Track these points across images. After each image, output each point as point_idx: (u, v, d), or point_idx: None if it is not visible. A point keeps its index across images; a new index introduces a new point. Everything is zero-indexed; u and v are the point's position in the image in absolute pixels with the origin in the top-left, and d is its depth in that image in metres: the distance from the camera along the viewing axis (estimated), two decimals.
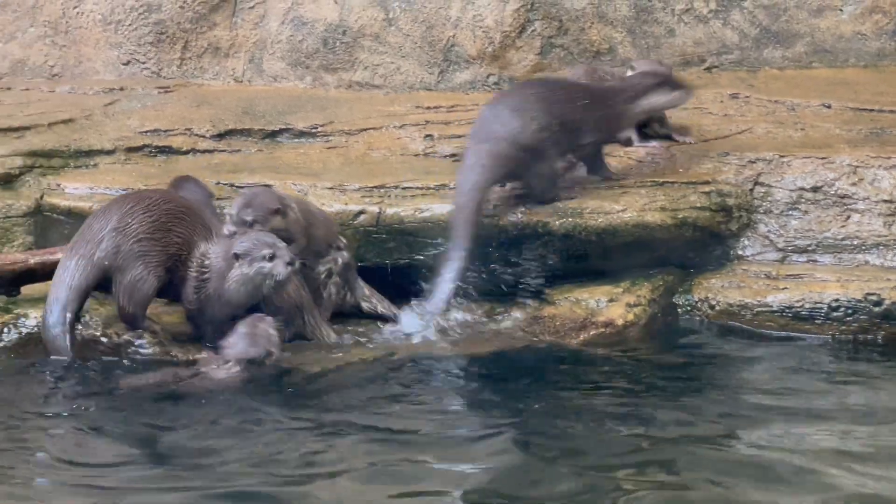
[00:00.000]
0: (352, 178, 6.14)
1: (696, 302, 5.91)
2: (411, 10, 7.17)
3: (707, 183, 6.11)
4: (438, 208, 5.91)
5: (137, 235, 5.15)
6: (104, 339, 5.29)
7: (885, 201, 5.98)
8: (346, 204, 5.97)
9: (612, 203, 5.95)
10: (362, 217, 5.93)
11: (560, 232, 5.88)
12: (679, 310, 5.93)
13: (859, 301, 5.70)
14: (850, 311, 5.70)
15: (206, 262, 5.24)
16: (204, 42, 7.22)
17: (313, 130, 6.72)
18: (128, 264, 5.14)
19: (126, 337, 5.29)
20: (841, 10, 7.18)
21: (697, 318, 5.90)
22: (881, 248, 5.93)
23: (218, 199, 5.96)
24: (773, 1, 7.19)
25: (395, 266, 5.89)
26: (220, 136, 6.62)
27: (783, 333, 5.72)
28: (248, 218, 5.34)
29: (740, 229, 6.10)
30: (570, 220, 5.89)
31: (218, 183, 6.08)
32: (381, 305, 5.79)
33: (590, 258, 5.90)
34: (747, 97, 6.82)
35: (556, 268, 5.92)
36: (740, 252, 6.10)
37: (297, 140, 6.69)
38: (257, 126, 6.71)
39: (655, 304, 5.89)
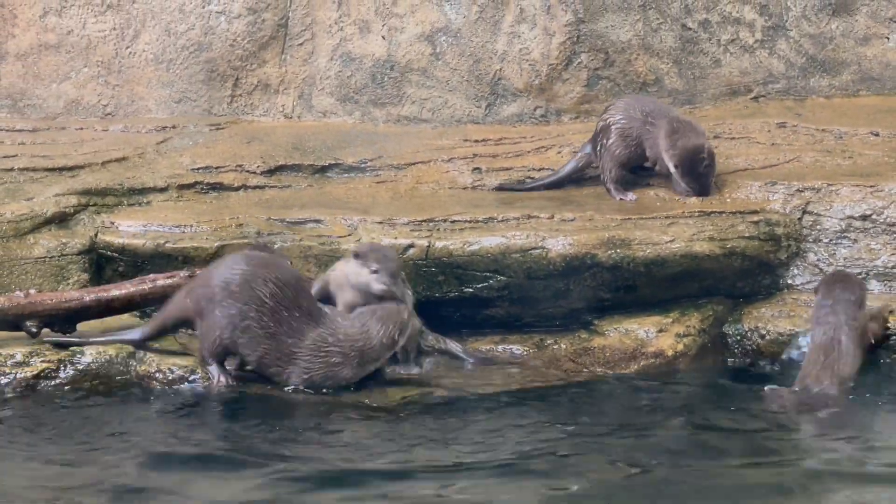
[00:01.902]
0: (401, 212, 6.20)
1: (746, 332, 5.91)
2: (458, 44, 7.23)
3: (755, 212, 6.12)
4: (487, 241, 5.95)
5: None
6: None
7: None
8: (396, 238, 6.02)
9: (660, 234, 5.96)
10: (412, 251, 5.98)
11: (608, 263, 5.90)
12: (729, 339, 5.92)
13: None
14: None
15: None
16: (254, 79, 7.31)
17: (362, 165, 6.78)
18: None
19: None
20: (888, 38, 7.17)
21: (748, 348, 5.89)
22: None
23: (269, 234, 6.04)
24: (819, 30, 7.19)
25: (445, 300, 5.93)
26: (271, 172, 6.69)
27: None
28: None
29: (789, 258, 6.10)
30: (618, 251, 5.91)
31: (269, 219, 6.15)
32: (445, 341, 5.83)
33: (638, 289, 5.92)
34: (794, 126, 6.82)
35: (605, 298, 5.94)
36: (790, 281, 6.10)
37: (346, 175, 6.75)
38: (307, 161, 6.78)
39: (705, 333, 5.90)
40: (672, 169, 6.25)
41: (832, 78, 7.20)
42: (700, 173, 6.18)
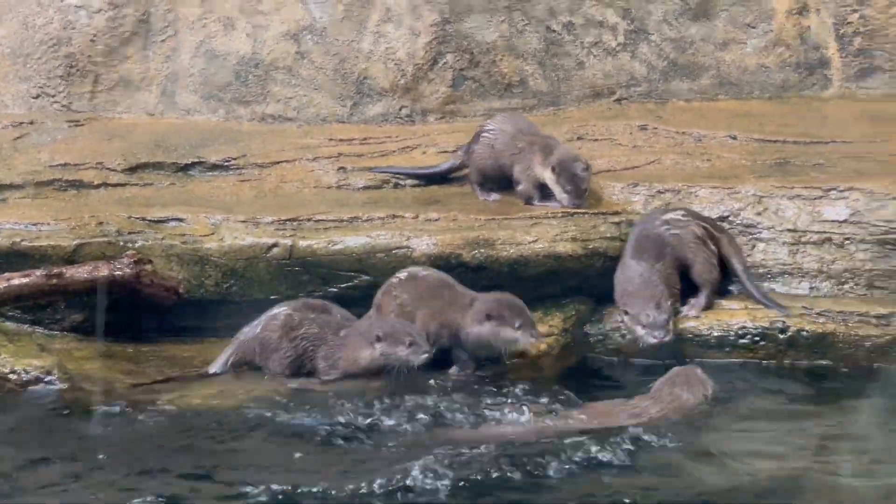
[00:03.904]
0: (264, 211, 6.14)
1: (608, 331, 5.96)
2: (323, 43, 7.19)
3: (617, 213, 6.19)
4: (351, 241, 5.93)
5: None
6: None
7: (789, 230, 6.09)
8: (259, 237, 5.97)
9: (523, 234, 6.00)
10: (275, 250, 5.93)
11: (473, 263, 5.92)
12: (591, 339, 5.98)
13: (766, 328, 5.79)
14: (757, 339, 5.78)
15: None
16: (115, 75, 7.18)
17: (226, 163, 6.70)
18: None
19: None
20: (745, 43, 7.31)
21: (610, 348, 5.95)
22: (786, 276, 6.04)
23: (130, 233, 5.94)
24: (679, 34, 7.30)
25: None
26: (132, 169, 6.59)
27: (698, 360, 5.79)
28: None
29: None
30: (482, 251, 5.93)
31: (130, 217, 6.05)
32: None
33: (503, 289, 5.92)
34: (656, 128, 6.91)
35: None
36: None
37: (209, 173, 6.67)
38: (170, 159, 6.69)
39: (568, 333, 5.94)
40: (548, 176, 6.24)
41: (692, 82, 7.32)
42: (577, 176, 6.19)
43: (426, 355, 5.46)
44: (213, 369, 5.65)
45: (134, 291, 5.76)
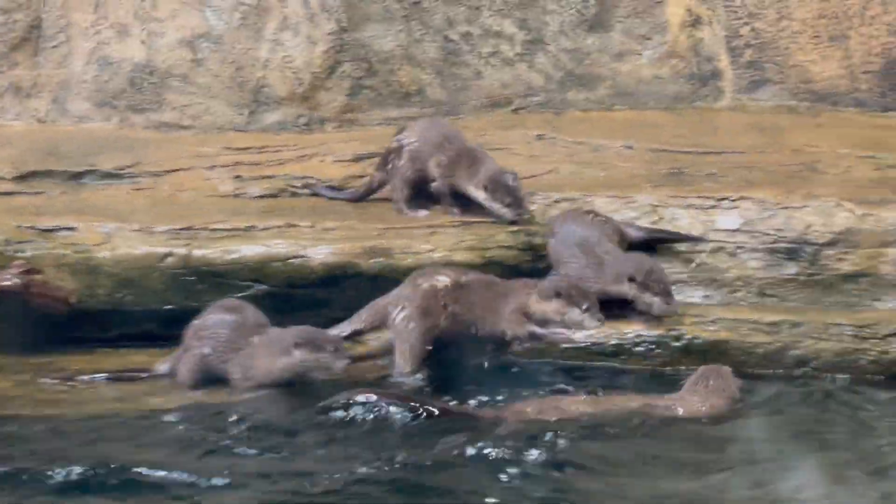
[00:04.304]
0: (159, 220, 6.07)
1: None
2: (220, 50, 7.13)
3: (514, 223, 6.21)
4: (248, 250, 5.89)
5: None
6: None
7: None
8: (153, 246, 5.91)
9: (421, 243, 6.00)
10: (169, 260, 5.87)
11: (370, 272, 5.90)
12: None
13: (661, 336, 5.85)
14: (652, 346, 5.84)
15: None
16: (4, 82, 7.05)
17: (120, 172, 6.62)
18: None
19: None
20: (641, 54, 7.39)
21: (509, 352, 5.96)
22: (681, 284, 6.10)
23: (19, 242, 5.83)
24: (576, 45, 7.36)
25: (205, 309, 5.81)
26: (22, 177, 6.47)
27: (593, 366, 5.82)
28: None
29: (548, 268, 6.20)
30: (379, 260, 5.91)
31: (19, 226, 5.94)
32: None
33: None
34: (553, 138, 6.95)
35: None
36: None
37: (103, 182, 6.58)
38: (61, 167, 6.58)
39: None
40: (482, 196, 6.17)
41: (589, 92, 7.38)
42: (511, 187, 6.15)
43: (348, 361, 5.40)
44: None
45: (23, 302, 5.66)
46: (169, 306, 5.81)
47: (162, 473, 4.56)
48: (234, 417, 5.16)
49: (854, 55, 7.28)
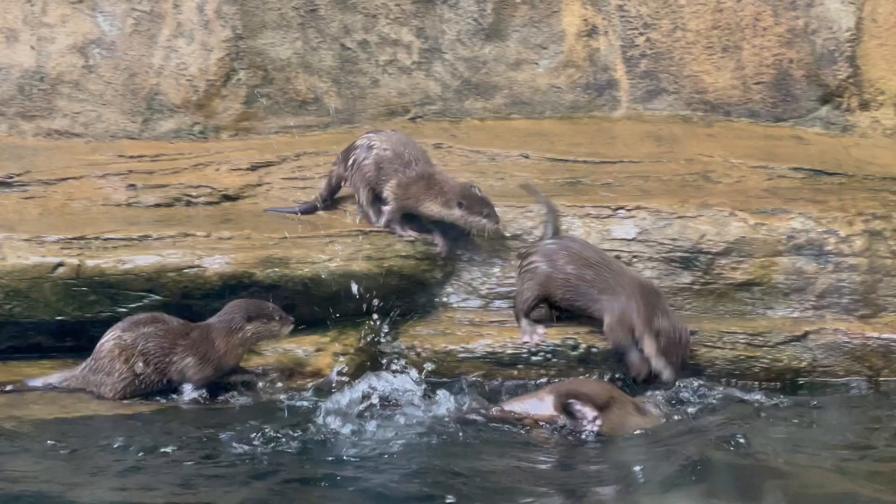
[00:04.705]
0: (50, 230, 5.95)
1: (404, 350, 5.95)
2: (112, 57, 7.02)
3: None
4: (141, 260, 5.79)
5: None
6: None
7: None
8: (44, 256, 5.78)
9: (318, 252, 5.95)
10: (61, 269, 5.75)
11: (266, 282, 5.84)
12: (387, 358, 5.95)
13: (558, 346, 5.87)
14: (549, 356, 5.86)
15: None
16: None
17: (9, 180, 6.49)
18: None
19: None
20: (537, 63, 7.42)
21: (407, 366, 5.93)
22: None
23: None
24: (473, 54, 7.37)
25: (97, 320, 5.72)
26: None
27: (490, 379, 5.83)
28: None
29: (445, 277, 6.20)
30: (276, 270, 5.86)
31: None
32: None
33: (298, 307, 5.87)
34: (450, 147, 6.95)
35: None
36: (445, 299, 6.20)
37: None
38: None
39: (363, 352, 5.91)
40: (458, 214, 6.12)
41: (486, 101, 7.39)
42: (482, 197, 6.13)
43: (292, 325, 5.67)
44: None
45: None
46: (61, 318, 5.69)
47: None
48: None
49: (747, 66, 7.38)
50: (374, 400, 5.31)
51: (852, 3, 7.26)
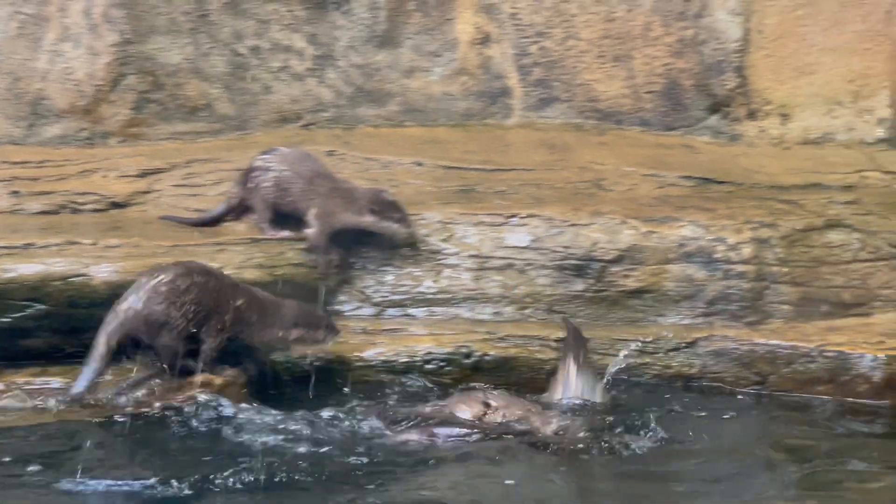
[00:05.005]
0: None
1: (295, 358, 5.89)
2: None
3: (304, 240, 6.14)
4: (25, 268, 5.65)
5: None
6: None
7: (473, 256, 6.19)
8: None
9: (208, 261, 5.83)
10: None
11: None
12: (280, 367, 5.88)
13: (452, 353, 5.86)
14: (443, 364, 5.84)
15: None
16: None
17: None
18: None
19: None
20: (431, 71, 7.42)
21: (298, 374, 5.87)
22: (470, 301, 6.13)
23: None
24: (366, 61, 7.34)
25: None
26: None
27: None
28: None
29: (338, 285, 6.16)
30: None
31: None
32: None
33: None
34: (343, 154, 6.90)
35: None
36: (338, 307, 6.15)
37: None
38: None
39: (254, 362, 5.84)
40: (370, 220, 6.10)
41: (379, 108, 7.36)
42: (394, 202, 6.13)
43: (338, 335, 5.70)
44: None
45: None
46: None
47: None
48: None
49: (638, 75, 7.45)
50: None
51: (740, 14, 7.37)
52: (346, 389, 5.64)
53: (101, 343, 5.35)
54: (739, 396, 5.80)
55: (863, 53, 7.41)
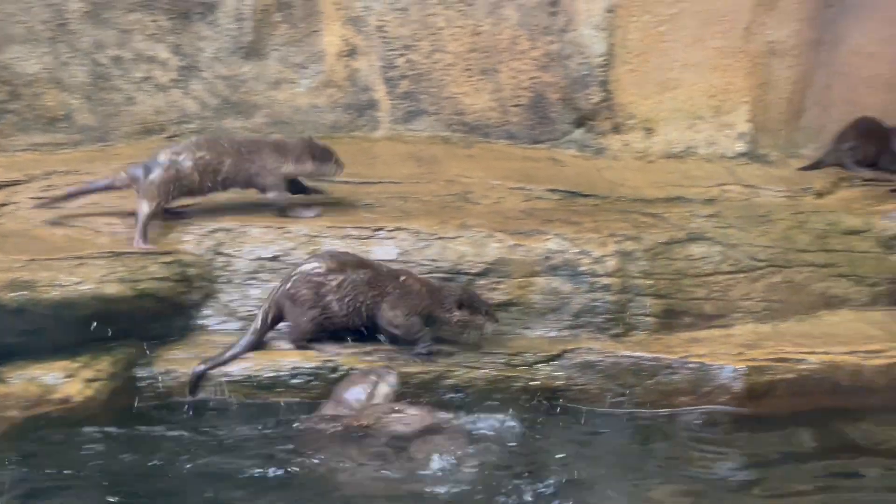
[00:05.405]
0: None
1: (158, 374, 5.79)
2: None
3: (168, 253, 6.05)
4: None
5: None
6: None
7: None
8: None
9: (67, 275, 5.73)
10: None
11: (12, 306, 5.59)
12: (141, 383, 5.78)
13: (318, 368, 5.81)
14: (310, 378, 5.79)
15: None
16: None
17: None
18: None
19: None
20: (297, 83, 7.38)
21: (161, 391, 5.78)
22: None
23: None
24: (232, 72, 7.27)
25: None
26: None
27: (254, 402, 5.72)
28: None
29: (203, 299, 6.07)
30: (22, 293, 5.61)
31: None
32: None
33: (47, 333, 5.64)
34: None
35: (10, 344, 5.62)
36: (203, 322, 6.06)
37: None
38: None
39: (117, 378, 5.72)
40: (311, 165, 6.39)
41: (246, 119, 7.30)
42: (329, 147, 6.44)
43: (496, 324, 5.87)
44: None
45: None
46: None
47: None
48: None
49: (504, 89, 7.50)
50: None
51: (604, 29, 7.46)
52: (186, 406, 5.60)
53: (259, 318, 5.85)
54: (604, 408, 5.85)
55: (723, 69, 7.56)
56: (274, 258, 6.15)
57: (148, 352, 5.86)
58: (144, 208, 6.13)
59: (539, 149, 7.51)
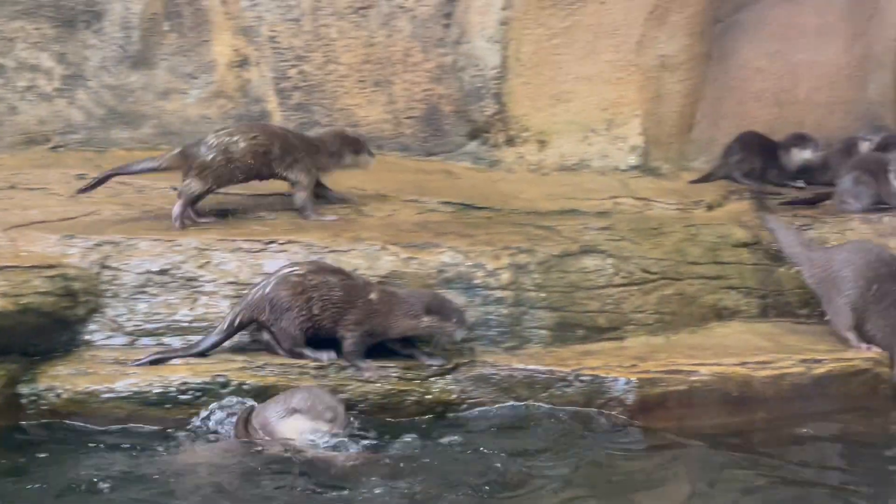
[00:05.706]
0: None
1: (42, 391, 5.64)
2: None
3: (52, 267, 5.90)
4: None
5: None
6: None
7: (231, 283, 6.06)
8: None
9: None
10: None
11: None
12: (24, 400, 5.62)
13: (208, 383, 5.70)
14: (199, 394, 5.68)
15: None
16: None
17: None
18: None
19: None
20: (187, 93, 7.27)
21: (44, 408, 5.62)
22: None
23: None
24: (119, 82, 7.15)
25: None
26: None
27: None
28: None
29: (88, 314, 5.94)
30: None
31: None
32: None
33: None
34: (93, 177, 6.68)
35: None
36: (88, 337, 5.93)
37: None
38: None
39: None
40: (349, 158, 6.59)
41: (133, 130, 7.18)
42: (361, 136, 6.68)
43: (467, 331, 5.83)
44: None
45: None
46: None
47: None
48: None
49: (398, 100, 7.47)
50: None
51: (498, 42, 7.47)
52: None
53: (228, 320, 5.77)
54: (498, 421, 5.82)
55: (616, 83, 7.60)
56: (162, 271, 6.03)
57: (31, 368, 5.71)
58: (194, 187, 6.28)
59: (433, 161, 7.49)
